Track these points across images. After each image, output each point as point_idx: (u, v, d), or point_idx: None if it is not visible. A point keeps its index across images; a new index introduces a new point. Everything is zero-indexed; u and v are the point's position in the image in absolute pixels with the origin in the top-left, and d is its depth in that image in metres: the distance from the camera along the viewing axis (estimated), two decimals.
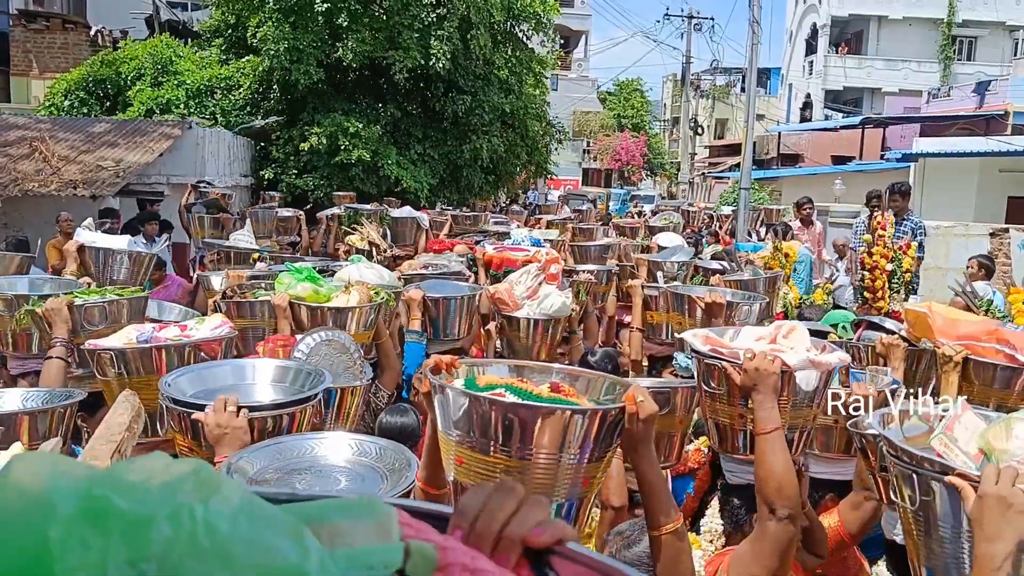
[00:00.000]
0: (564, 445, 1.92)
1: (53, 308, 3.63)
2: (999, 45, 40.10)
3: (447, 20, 14.68)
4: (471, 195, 16.90)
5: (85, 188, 10.10)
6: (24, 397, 3.14)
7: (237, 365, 2.92)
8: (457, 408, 1.96)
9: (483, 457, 1.95)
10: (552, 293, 4.98)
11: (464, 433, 1.97)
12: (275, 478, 2.13)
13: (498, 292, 4.92)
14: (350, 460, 2.26)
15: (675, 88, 54.55)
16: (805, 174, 28.05)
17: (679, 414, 3.14)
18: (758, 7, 13.89)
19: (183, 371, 2.78)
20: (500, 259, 6.10)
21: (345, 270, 5.06)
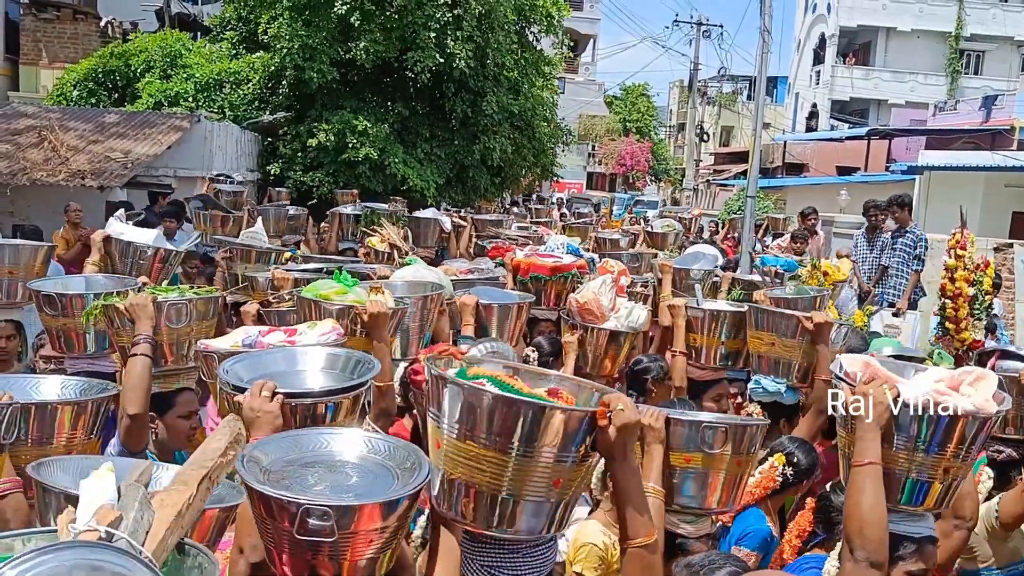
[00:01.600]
0: (532, 439, 1.98)
1: (138, 304, 3.55)
2: (1007, 60, 40.15)
3: (464, 20, 14.71)
4: (477, 196, 16.93)
5: (93, 179, 10.13)
6: (63, 385, 3.14)
7: (290, 352, 2.92)
8: (439, 392, 2.08)
9: (458, 443, 2.05)
10: (635, 306, 4.97)
11: (443, 417, 2.09)
12: (288, 470, 2.13)
13: (587, 302, 4.83)
14: (362, 456, 2.26)
15: (682, 94, 54.64)
16: (810, 184, 28.09)
17: (744, 455, 2.81)
18: (769, 16, 13.91)
19: (241, 357, 2.81)
20: (528, 265, 5.94)
21: (404, 270, 5.05)
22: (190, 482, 1.78)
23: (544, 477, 2.03)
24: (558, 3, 17.52)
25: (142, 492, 1.61)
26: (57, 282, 4.42)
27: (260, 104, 15.55)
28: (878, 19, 41.06)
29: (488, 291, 5.25)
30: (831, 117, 40.91)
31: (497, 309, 4.91)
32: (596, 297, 4.84)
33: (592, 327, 4.83)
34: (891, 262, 9.44)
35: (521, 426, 1.98)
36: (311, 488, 2.05)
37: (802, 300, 5.63)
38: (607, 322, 4.84)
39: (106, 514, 1.52)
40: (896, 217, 9.62)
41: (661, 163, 51.67)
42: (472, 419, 2.02)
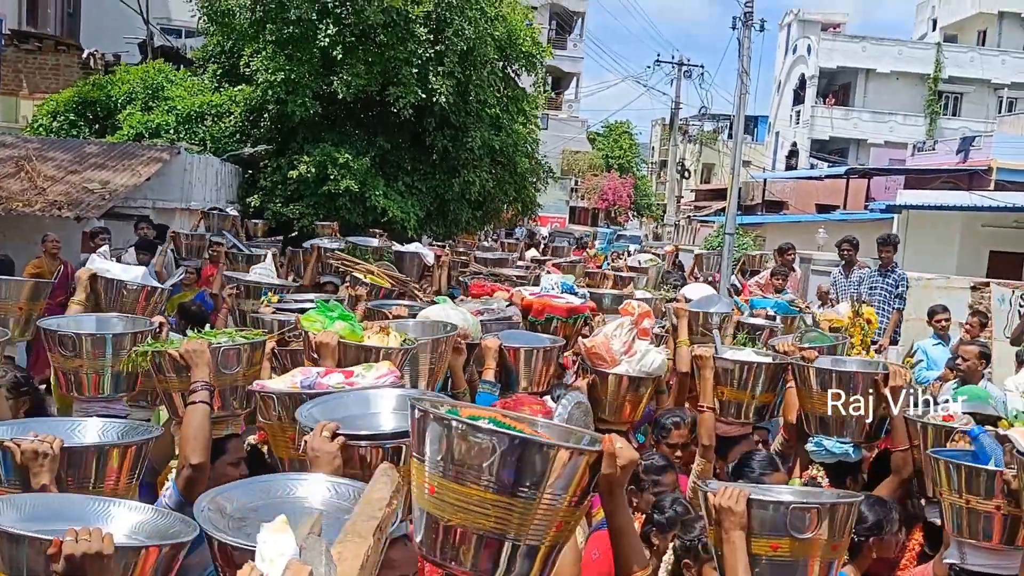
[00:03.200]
0: (540, 481, 1.90)
1: (196, 350, 3.44)
2: (984, 102, 40.80)
3: (446, 56, 14.80)
4: (457, 229, 16.93)
5: (70, 209, 10.04)
6: (102, 429, 3.03)
7: (362, 395, 2.94)
8: (435, 433, 1.97)
9: (458, 487, 1.93)
10: (651, 350, 4.68)
11: (438, 459, 1.96)
12: (251, 517, 2.12)
13: (595, 346, 4.57)
14: (327, 502, 2.27)
15: (663, 132, 55.14)
16: (789, 221, 28.30)
17: (839, 537, 2.47)
18: (747, 57, 14.12)
19: (318, 401, 2.84)
20: (541, 305, 5.68)
21: (430, 309, 4.88)
22: (364, 534, 1.72)
23: (550, 518, 1.95)
24: (539, 43, 17.67)
25: (325, 546, 1.56)
26: (69, 321, 4.26)
27: (241, 137, 15.54)
28: (857, 61, 41.70)
29: (516, 334, 5.02)
30: (811, 156, 41.35)
31: (525, 354, 4.66)
32: (606, 341, 4.57)
33: (603, 372, 4.55)
34: (873, 300, 9.45)
35: (532, 467, 1.90)
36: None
37: (838, 349, 5.29)
38: (618, 366, 4.56)
39: (298, 571, 1.46)
40: (883, 256, 9.65)
41: (643, 199, 52.01)
42: (478, 462, 1.91)
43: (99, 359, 3.80)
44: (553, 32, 43.73)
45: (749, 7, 18.44)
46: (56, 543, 1.94)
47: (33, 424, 2.96)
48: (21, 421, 3.14)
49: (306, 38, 14.48)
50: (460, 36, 14.84)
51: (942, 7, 43.93)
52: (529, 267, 10.28)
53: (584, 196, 51.50)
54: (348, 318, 3.89)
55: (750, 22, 18.42)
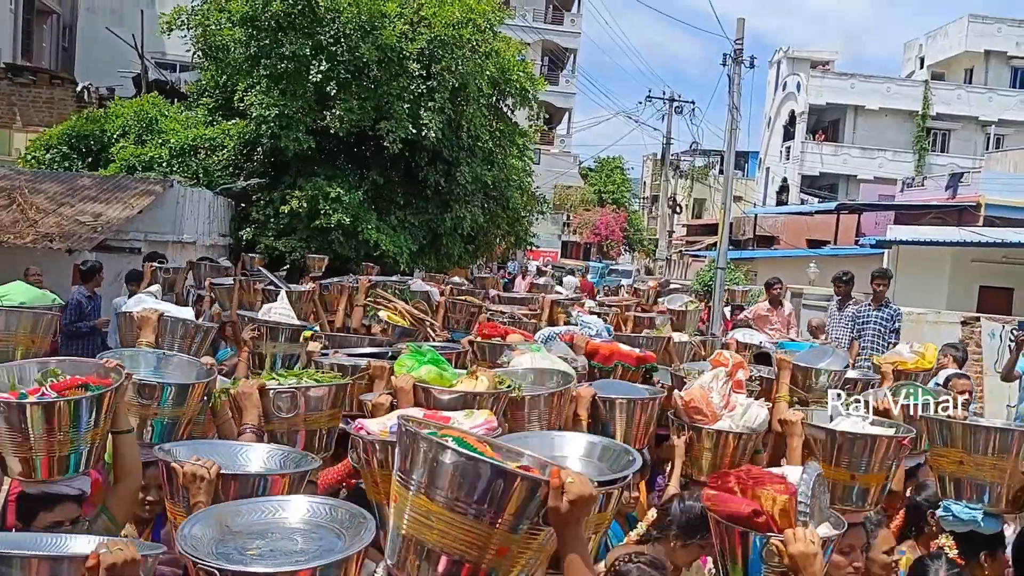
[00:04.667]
0: (477, 499, 1.94)
1: (246, 392, 3.39)
2: (972, 139, 41.19)
3: (437, 92, 14.91)
4: (450, 263, 16.95)
5: (61, 241, 10.04)
6: (267, 455, 3.05)
7: (548, 436, 2.89)
8: (403, 445, 2.07)
9: (411, 496, 2.02)
10: (752, 404, 4.30)
11: (399, 470, 2.08)
12: (231, 540, 2.17)
13: (693, 400, 4.21)
14: (306, 520, 2.31)
15: (655, 167, 55.46)
16: (780, 256, 28.41)
17: None
18: (738, 93, 14.23)
19: (512, 437, 2.80)
20: (609, 351, 5.27)
21: (519, 356, 4.55)
22: None
23: (487, 541, 1.96)
24: (532, 77, 17.83)
25: None
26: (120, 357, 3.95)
27: (235, 170, 15.58)
28: (847, 98, 42.11)
29: (611, 384, 4.65)
30: (801, 192, 41.61)
31: (625, 405, 4.22)
32: (705, 394, 4.23)
33: (702, 428, 4.19)
34: (866, 334, 9.44)
35: (475, 486, 1.94)
36: (250, 556, 2.09)
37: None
38: (720, 422, 4.20)
39: None
40: (877, 289, 9.63)
41: (635, 233, 52.26)
42: (426, 473, 1.99)
43: (175, 407, 3.62)
44: (545, 68, 44.14)
45: (739, 44, 18.66)
46: (94, 556, 2.05)
47: (203, 446, 3.03)
48: (194, 442, 3.18)
49: (300, 74, 14.60)
50: (451, 72, 14.96)
51: (929, 45, 44.49)
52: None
53: (576, 230, 51.74)
54: (439, 362, 3.73)
55: (740, 59, 18.64)
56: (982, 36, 41.01)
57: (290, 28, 14.60)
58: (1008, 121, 40.02)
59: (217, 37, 14.91)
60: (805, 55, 45.13)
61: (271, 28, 14.59)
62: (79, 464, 3.06)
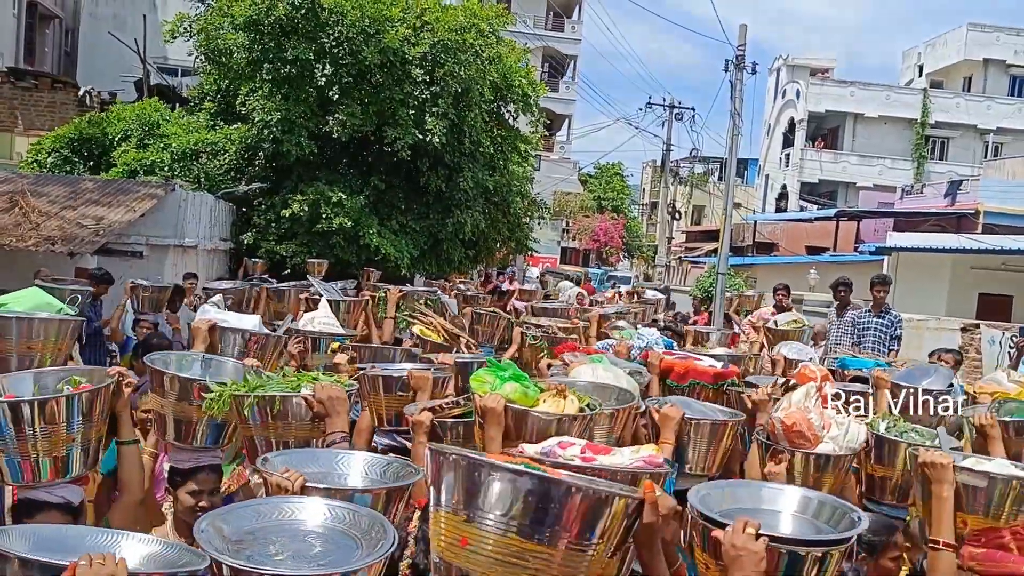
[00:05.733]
0: (575, 527, 1.81)
1: (336, 397, 3.17)
2: (970, 147, 41.31)
3: (441, 97, 14.92)
4: (450, 268, 16.96)
5: (63, 245, 10.05)
6: (367, 465, 2.84)
7: (756, 487, 2.72)
8: (464, 479, 1.86)
9: (497, 537, 1.82)
10: (850, 421, 3.97)
11: (472, 508, 1.84)
12: (248, 540, 2.12)
13: (795, 423, 3.82)
14: (325, 525, 2.25)
15: (654, 174, 55.53)
16: (780, 262, 28.44)
17: None
18: (740, 99, 14.25)
19: (722, 484, 2.70)
20: (684, 368, 4.88)
21: (579, 368, 4.25)
22: None
23: (579, 568, 1.84)
24: (534, 83, 17.86)
25: None
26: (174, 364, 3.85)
27: (236, 175, 15.58)
28: (846, 105, 42.22)
29: (686, 402, 4.33)
30: (800, 198, 41.69)
31: (705, 427, 3.93)
32: (803, 414, 3.88)
33: (803, 452, 3.80)
34: (866, 341, 9.39)
35: (568, 512, 1.79)
36: (272, 557, 2.04)
37: None
38: (822, 445, 3.84)
39: None
40: (876, 296, 9.57)
41: (634, 240, 52.31)
42: (514, 507, 1.80)
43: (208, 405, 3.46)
44: (545, 75, 44.18)
45: (741, 50, 18.71)
46: (71, 568, 1.92)
47: (301, 456, 2.87)
48: (293, 452, 3.01)
49: (303, 78, 14.61)
50: (454, 77, 14.99)
51: (928, 54, 44.63)
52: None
53: (575, 237, 51.78)
54: (521, 379, 3.38)
55: (742, 65, 18.67)
56: (981, 45, 41.14)
57: (293, 32, 14.62)
58: (1006, 129, 40.16)
59: (219, 41, 14.92)
60: (804, 63, 45.26)
61: (274, 32, 14.60)
62: (64, 469, 3.00)
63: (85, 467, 3.13)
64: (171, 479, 3.50)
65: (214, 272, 14.23)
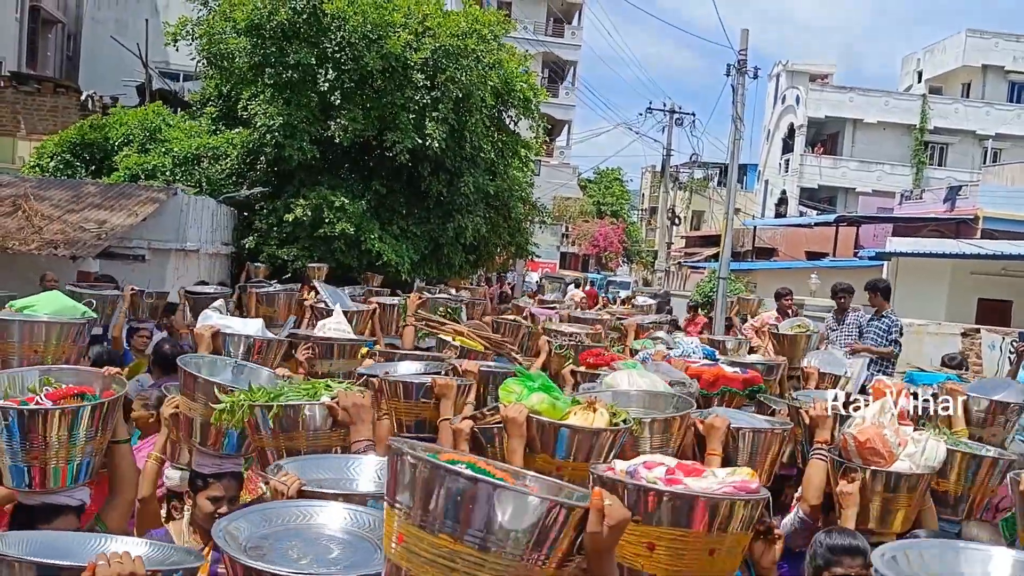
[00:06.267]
0: (508, 534, 1.72)
1: (360, 404, 3.13)
2: (969, 153, 41.35)
3: (442, 102, 14.96)
4: (451, 273, 16.98)
5: (66, 248, 10.07)
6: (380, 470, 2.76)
7: (953, 548, 2.30)
8: (405, 475, 1.80)
9: (429, 537, 1.76)
10: (927, 438, 3.77)
11: (410, 506, 1.79)
12: (266, 543, 2.11)
13: (870, 439, 3.63)
14: (344, 529, 2.24)
15: (653, 179, 55.60)
16: (780, 268, 28.46)
17: None
18: (741, 104, 14.30)
19: (913, 544, 2.34)
20: (713, 375, 4.83)
21: (614, 375, 4.09)
22: None
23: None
24: (535, 88, 17.90)
25: None
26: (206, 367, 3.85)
27: (238, 179, 15.62)
28: (845, 111, 42.27)
29: (732, 412, 4.21)
30: (800, 204, 41.71)
31: (752, 437, 3.78)
32: (879, 429, 3.68)
33: (877, 471, 3.61)
34: (866, 343, 9.41)
35: (507, 518, 1.72)
36: (294, 562, 2.02)
37: None
38: (898, 463, 3.66)
39: None
40: (872, 302, 9.62)
41: (634, 245, 52.36)
42: (444, 506, 1.74)
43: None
44: (545, 80, 44.24)
45: (743, 54, 18.75)
46: (91, 567, 1.93)
47: (312, 461, 2.85)
48: (306, 457, 2.98)
49: (305, 83, 14.65)
50: (455, 83, 15.03)
51: (927, 60, 44.70)
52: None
53: (575, 242, 51.83)
54: (549, 389, 3.27)
55: (744, 69, 18.70)
56: (979, 51, 41.22)
57: (295, 37, 14.66)
58: (1005, 135, 40.21)
59: (221, 46, 14.96)
60: (803, 69, 45.31)
61: (276, 37, 14.65)
62: (76, 475, 2.99)
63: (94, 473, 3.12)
64: (192, 483, 3.50)
65: (216, 276, 14.24)
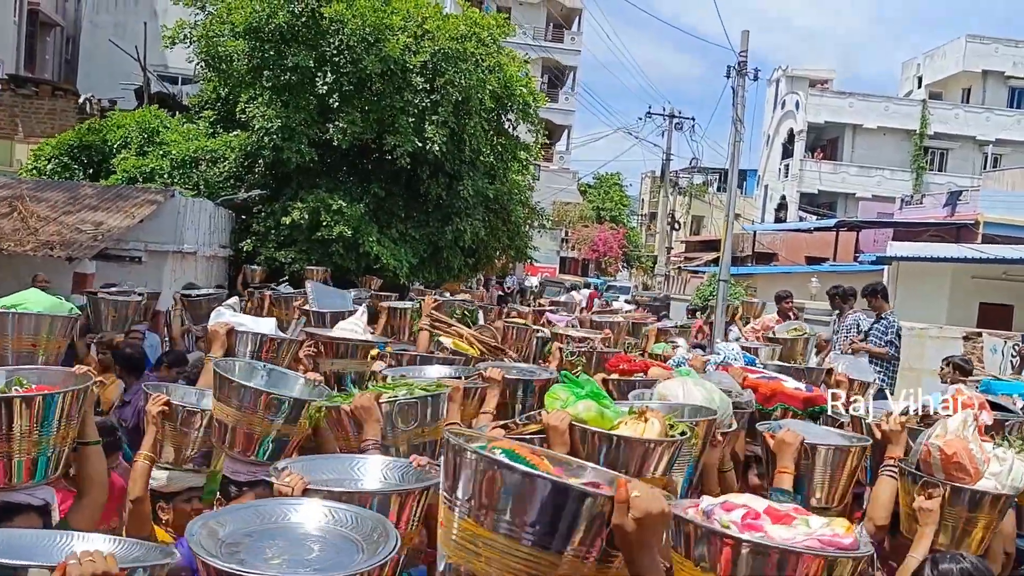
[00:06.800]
0: (530, 521, 1.67)
1: (365, 406, 3.22)
2: (969, 158, 41.33)
3: (441, 106, 14.93)
4: (450, 276, 16.93)
5: (62, 249, 10.00)
6: (385, 468, 2.81)
7: None
8: (447, 459, 1.83)
9: (467, 525, 1.75)
10: (1013, 457, 3.49)
11: (444, 488, 1.82)
12: (246, 542, 2.07)
13: (956, 453, 3.34)
14: (325, 528, 2.20)
15: (653, 184, 55.59)
16: (780, 272, 28.40)
17: None
18: (741, 106, 14.24)
19: None
20: (770, 390, 4.48)
21: (666, 384, 3.81)
22: None
23: (541, 568, 1.69)
24: (534, 92, 17.87)
25: None
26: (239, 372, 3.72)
27: (236, 182, 15.57)
28: (845, 116, 42.27)
29: (804, 426, 3.92)
30: (799, 209, 41.67)
31: (825, 453, 3.49)
32: (965, 443, 3.39)
33: (961, 488, 3.33)
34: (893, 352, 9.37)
35: (528, 506, 1.68)
36: (267, 561, 1.99)
37: None
38: (983, 481, 3.37)
39: None
40: (872, 305, 9.58)
41: (633, 250, 52.33)
42: (480, 495, 1.72)
43: (274, 419, 3.38)
44: (545, 86, 44.26)
45: (743, 56, 18.73)
46: (61, 567, 1.87)
47: (317, 461, 2.85)
48: (310, 457, 3.01)
49: (303, 85, 14.62)
50: (454, 86, 14.99)
51: (927, 65, 44.71)
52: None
53: (574, 247, 51.78)
54: (598, 397, 3.05)
55: (744, 71, 18.67)
56: (979, 56, 41.22)
57: (293, 40, 14.64)
58: (1005, 140, 40.21)
59: (220, 48, 14.93)
60: (803, 74, 45.34)
61: (274, 40, 14.62)
62: (35, 470, 2.91)
63: (57, 469, 3.03)
64: (224, 489, 3.44)
65: (213, 279, 14.19)
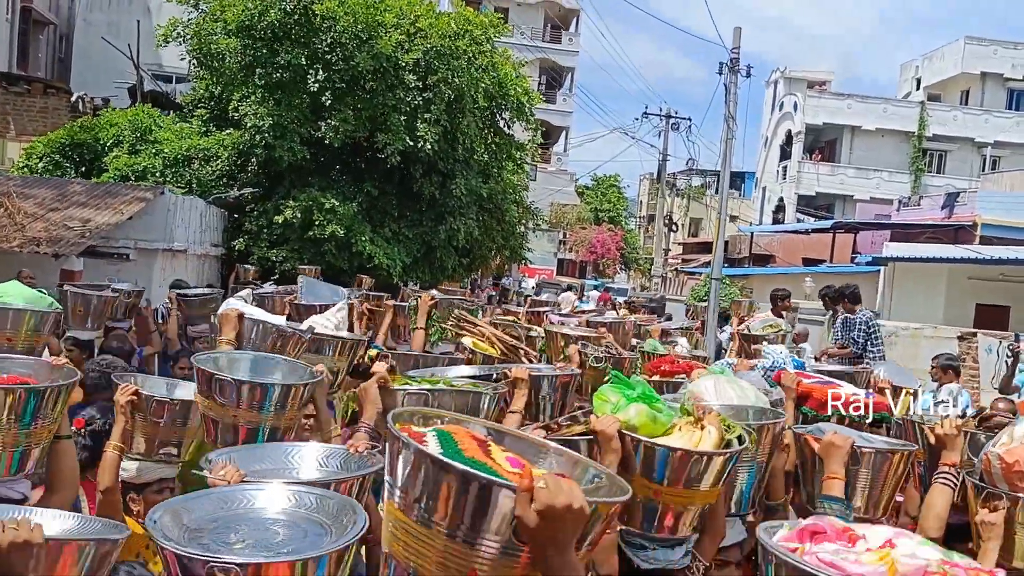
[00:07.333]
0: (435, 508, 1.56)
1: (365, 388, 3.31)
2: (968, 160, 41.29)
3: (434, 104, 14.87)
4: (443, 276, 16.87)
5: (48, 246, 9.94)
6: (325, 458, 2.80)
7: None
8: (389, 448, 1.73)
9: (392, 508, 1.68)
10: None
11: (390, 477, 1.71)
12: (211, 528, 2.06)
13: (1019, 461, 3.17)
14: (289, 511, 2.19)
15: (651, 186, 55.56)
16: (776, 273, 28.34)
17: None
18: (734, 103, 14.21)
19: None
20: (821, 394, 4.32)
21: (696, 383, 3.63)
22: None
23: (449, 558, 1.56)
24: (528, 92, 17.81)
25: None
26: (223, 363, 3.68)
27: (228, 181, 15.52)
28: (843, 118, 42.21)
29: (830, 428, 3.75)
30: (797, 211, 41.61)
31: (872, 458, 3.40)
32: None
33: (1017, 496, 3.16)
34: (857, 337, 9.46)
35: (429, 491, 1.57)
36: (230, 546, 1.97)
37: None
38: None
39: None
40: (845, 309, 9.70)
41: (631, 252, 52.27)
42: (407, 482, 1.62)
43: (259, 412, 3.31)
44: (543, 87, 44.22)
45: (735, 53, 18.70)
46: None
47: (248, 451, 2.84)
48: (247, 447, 2.98)
49: (295, 83, 14.55)
50: (447, 84, 14.93)
51: (926, 67, 44.67)
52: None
53: (572, 248, 51.71)
54: (651, 399, 2.83)
55: (737, 68, 18.65)
56: (978, 58, 41.17)
57: (285, 38, 14.58)
58: (1004, 143, 40.16)
59: (212, 46, 14.87)
60: (802, 75, 45.32)
61: (266, 38, 14.57)
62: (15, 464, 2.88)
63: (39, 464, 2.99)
64: None
65: (205, 277, 14.12)
